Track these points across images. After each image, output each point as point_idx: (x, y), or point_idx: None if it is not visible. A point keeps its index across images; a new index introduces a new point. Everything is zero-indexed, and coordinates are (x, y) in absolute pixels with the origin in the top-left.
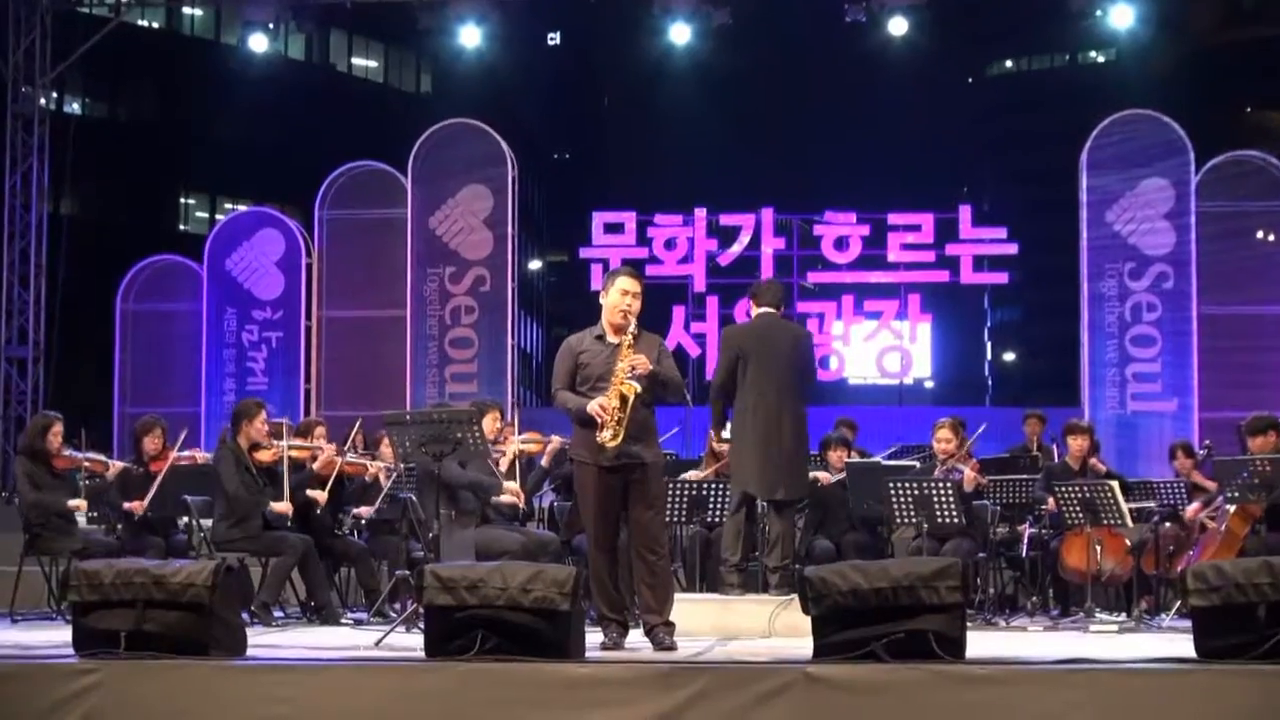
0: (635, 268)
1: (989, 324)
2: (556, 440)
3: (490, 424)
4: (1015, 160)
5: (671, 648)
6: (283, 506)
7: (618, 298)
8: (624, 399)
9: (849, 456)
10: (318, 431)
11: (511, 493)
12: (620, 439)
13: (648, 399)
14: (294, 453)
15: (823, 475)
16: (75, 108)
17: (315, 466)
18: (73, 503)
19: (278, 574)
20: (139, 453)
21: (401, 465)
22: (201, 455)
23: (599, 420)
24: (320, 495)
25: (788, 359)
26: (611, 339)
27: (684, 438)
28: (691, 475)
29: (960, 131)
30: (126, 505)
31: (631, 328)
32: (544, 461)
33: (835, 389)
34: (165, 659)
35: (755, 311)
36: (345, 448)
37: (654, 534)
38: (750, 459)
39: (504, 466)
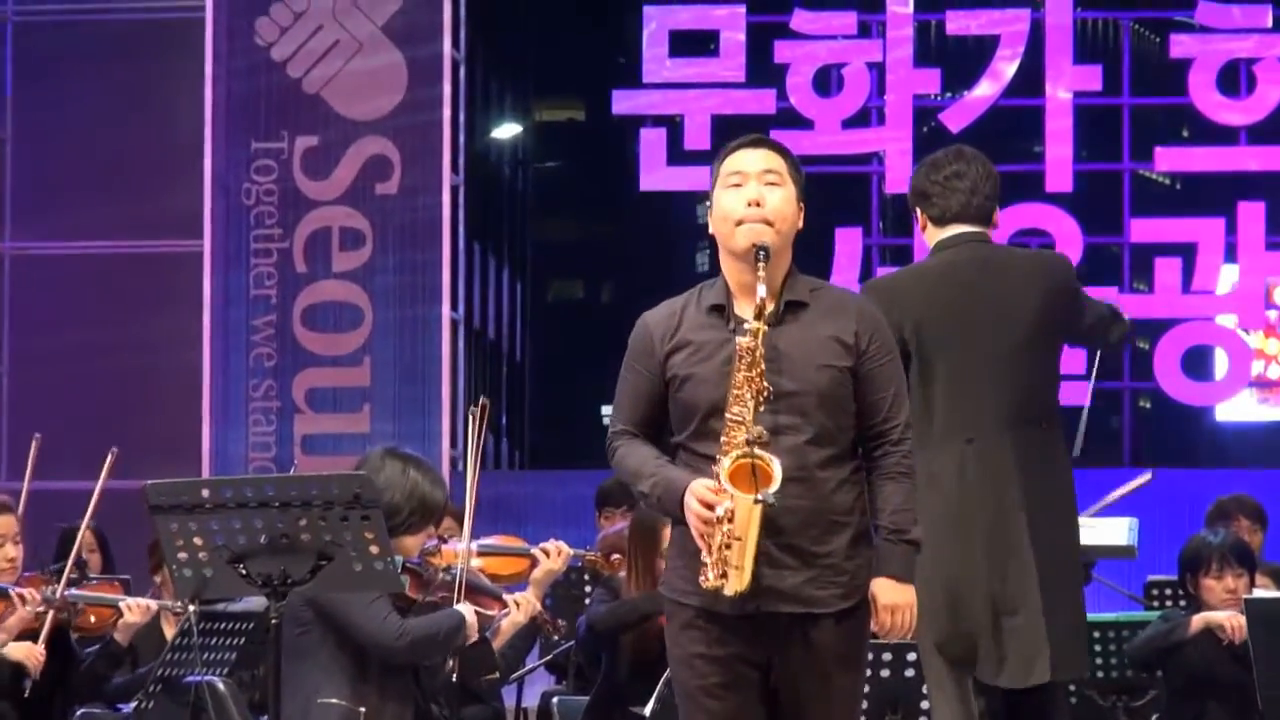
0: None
1: None
2: (558, 552)
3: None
4: None
5: None
6: (25, 651)
7: (731, 201)
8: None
9: (1251, 588)
10: None
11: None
12: (746, 579)
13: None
14: None
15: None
16: None
17: None
18: None
19: None
20: None
21: (191, 608)
22: None
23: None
24: (30, 654)
25: (1025, 335)
26: (745, 309)
27: None
28: None
29: None
30: None
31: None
32: (523, 610)
33: (1218, 432)
34: None
35: (937, 238)
36: (67, 574)
37: None
38: (946, 588)
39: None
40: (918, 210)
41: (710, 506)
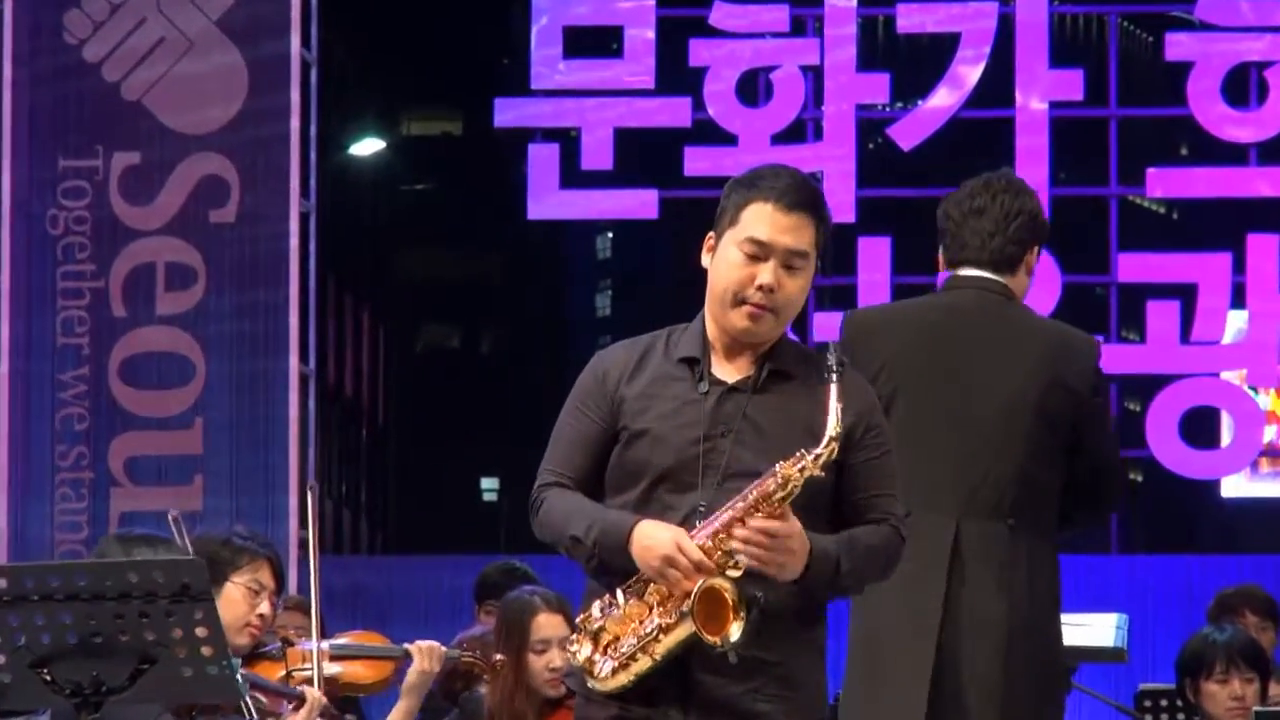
0: (799, 188)
1: None
2: (430, 652)
3: (241, 606)
4: None
5: None
6: None
7: (740, 274)
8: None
9: (1263, 697)
10: None
11: None
12: (623, 686)
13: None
14: None
15: None
16: None
17: None
18: None
19: None
20: None
21: None
22: None
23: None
24: None
25: (1002, 409)
26: (721, 369)
27: None
28: None
29: None
30: None
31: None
32: (305, 710)
33: (1223, 511)
34: None
35: (953, 275)
36: None
37: None
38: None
39: None
40: (942, 250)
41: (692, 560)
